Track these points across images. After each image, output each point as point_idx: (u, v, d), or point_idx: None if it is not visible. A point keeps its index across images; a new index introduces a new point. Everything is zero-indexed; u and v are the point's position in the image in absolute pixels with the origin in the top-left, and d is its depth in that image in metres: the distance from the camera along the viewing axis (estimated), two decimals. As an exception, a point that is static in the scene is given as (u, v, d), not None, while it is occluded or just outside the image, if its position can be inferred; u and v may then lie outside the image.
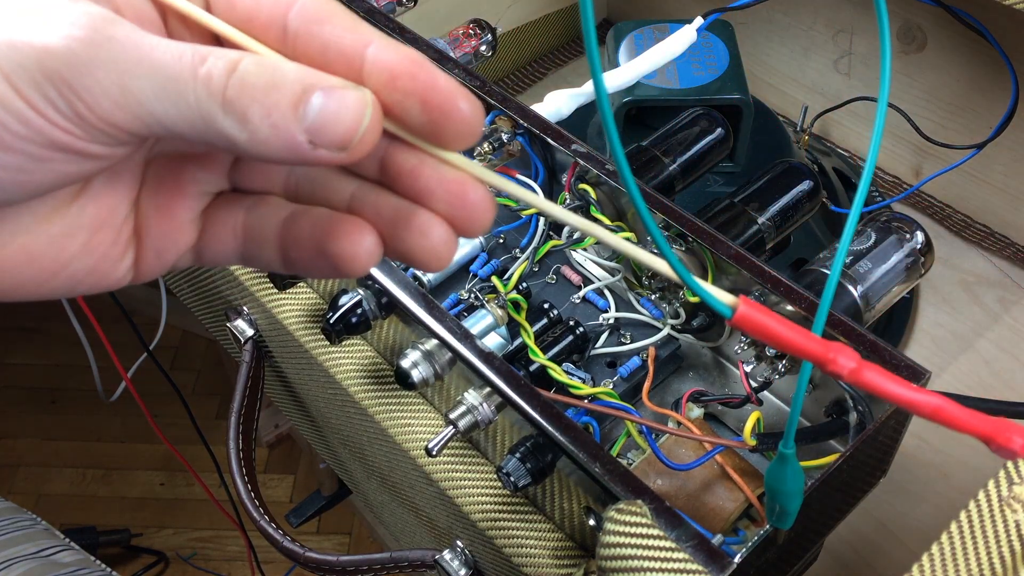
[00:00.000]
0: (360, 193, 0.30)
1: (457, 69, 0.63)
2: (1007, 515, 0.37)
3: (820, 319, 0.32)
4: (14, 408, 1.74)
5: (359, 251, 0.29)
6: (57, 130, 0.26)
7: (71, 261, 0.29)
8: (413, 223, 0.29)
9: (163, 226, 0.31)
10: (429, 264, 0.29)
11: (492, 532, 0.50)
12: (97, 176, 0.29)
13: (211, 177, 0.31)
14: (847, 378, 0.29)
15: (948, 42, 0.76)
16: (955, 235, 0.82)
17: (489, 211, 0.29)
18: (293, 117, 0.26)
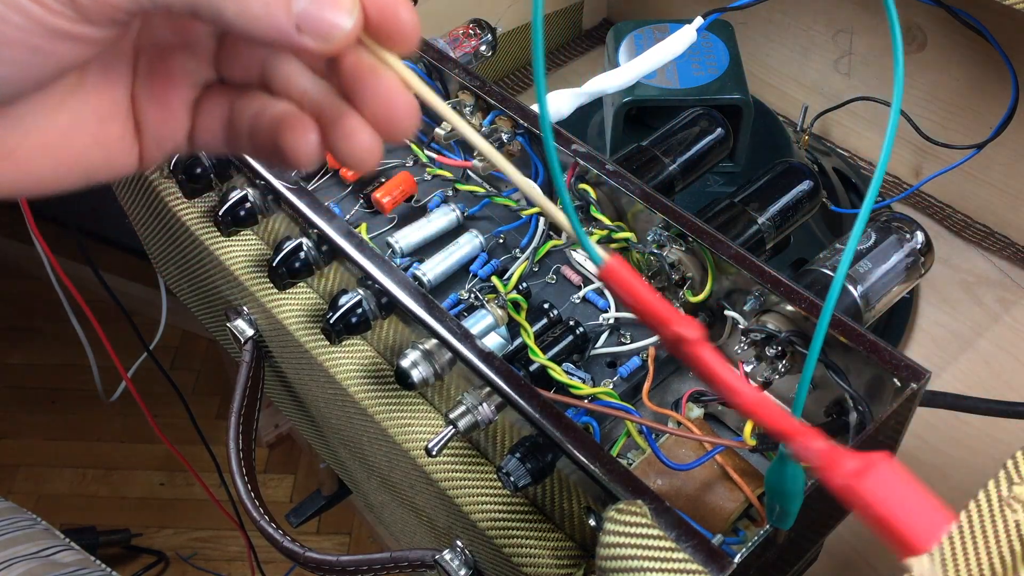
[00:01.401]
0: (310, 89, 0.32)
1: (457, 69, 0.63)
2: (1007, 515, 0.37)
3: (824, 319, 0.32)
4: (14, 408, 1.74)
5: (302, 146, 0.32)
6: (52, 15, 0.28)
7: (85, 152, 0.33)
8: (342, 124, 0.31)
9: (159, 115, 0.34)
10: (351, 164, 0.32)
11: (492, 532, 0.50)
12: (92, 67, 0.32)
13: (197, 66, 0.34)
14: (684, 350, 0.30)
15: (948, 42, 0.76)
16: (955, 235, 0.82)
17: (412, 117, 0.31)
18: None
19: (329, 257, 0.57)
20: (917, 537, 0.29)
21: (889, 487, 0.30)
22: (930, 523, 0.30)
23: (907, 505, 0.30)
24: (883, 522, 0.29)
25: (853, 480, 0.30)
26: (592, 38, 1.05)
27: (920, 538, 0.29)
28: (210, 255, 0.68)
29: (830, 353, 0.48)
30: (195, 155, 0.62)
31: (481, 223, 0.64)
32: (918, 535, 0.29)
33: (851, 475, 0.30)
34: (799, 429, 0.31)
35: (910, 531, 0.29)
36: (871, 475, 0.30)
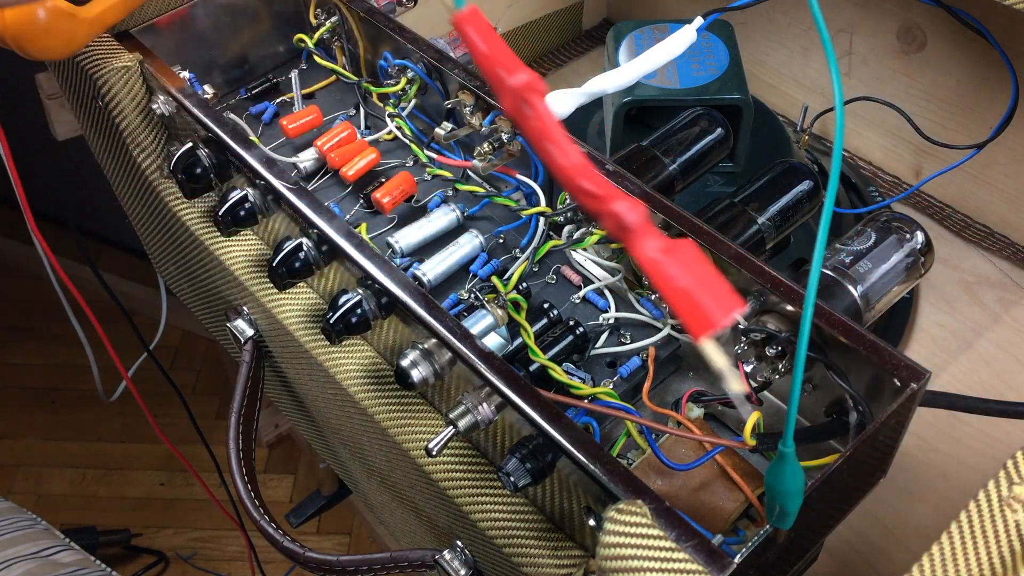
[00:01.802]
0: None
1: (457, 69, 0.63)
2: (1007, 515, 0.37)
3: (809, 300, 0.32)
4: (14, 408, 1.74)
5: None
6: None
7: None
8: None
9: None
10: None
11: (492, 532, 0.50)
12: None
13: None
14: (516, 105, 0.32)
15: (948, 42, 0.76)
16: (955, 235, 0.82)
17: None
18: None
19: (329, 257, 0.57)
20: (713, 313, 0.31)
21: (691, 267, 0.32)
22: (725, 303, 0.31)
23: (705, 285, 0.32)
24: (684, 297, 0.31)
25: (662, 254, 0.32)
26: (592, 38, 1.05)
27: (716, 315, 0.31)
28: (210, 255, 0.68)
29: (830, 353, 0.48)
30: (195, 156, 0.62)
31: (481, 223, 0.64)
32: (714, 312, 0.31)
33: (660, 249, 0.32)
34: (617, 194, 0.32)
35: (708, 307, 0.31)
36: (677, 253, 0.32)
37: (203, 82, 0.71)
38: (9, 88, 1.15)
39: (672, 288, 0.32)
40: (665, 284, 0.32)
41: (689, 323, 0.32)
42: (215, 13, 0.73)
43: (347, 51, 0.73)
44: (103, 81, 0.65)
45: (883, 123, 0.84)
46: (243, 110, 0.73)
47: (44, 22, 0.57)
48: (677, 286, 0.32)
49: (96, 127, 0.73)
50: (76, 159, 1.47)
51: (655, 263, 0.32)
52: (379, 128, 0.70)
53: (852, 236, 0.57)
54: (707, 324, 0.32)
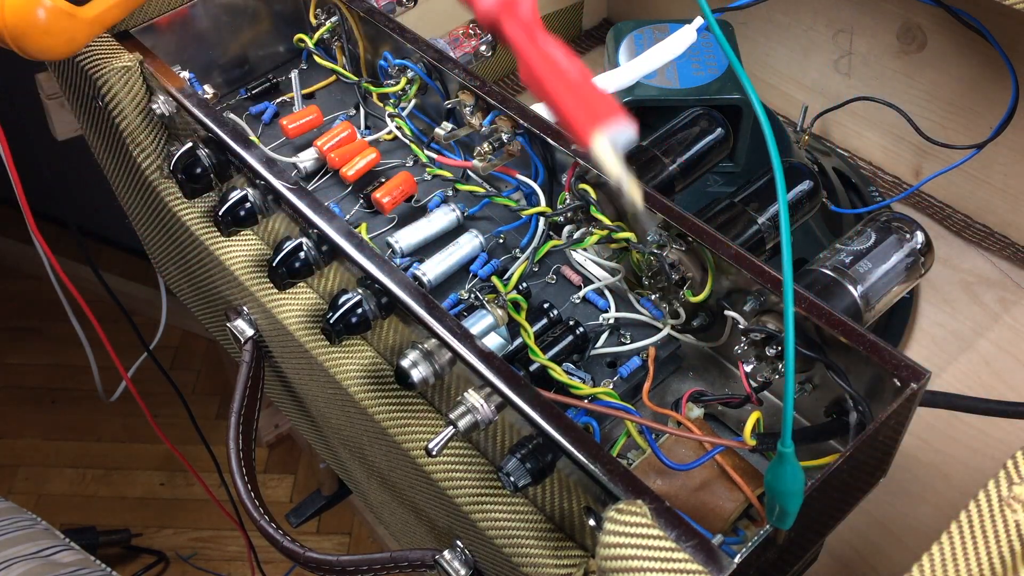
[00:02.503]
0: None
1: (457, 69, 0.63)
2: (1007, 515, 0.37)
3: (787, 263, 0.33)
4: (14, 408, 1.74)
5: None
6: None
7: None
8: None
9: None
10: None
11: (492, 532, 0.50)
12: None
13: None
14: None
15: (948, 42, 0.76)
16: (955, 235, 0.82)
17: None
18: None
19: (329, 257, 0.57)
20: (608, 109, 0.32)
21: (578, 67, 0.33)
22: (611, 104, 0.32)
23: (590, 85, 0.33)
24: (575, 94, 0.32)
25: (554, 48, 0.33)
26: (592, 38, 1.05)
27: (609, 110, 0.31)
28: (210, 255, 0.68)
29: (830, 353, 0.48)
30: (195, 156, 0.62)
31: (481, 223, 0.64)
32: (607, 108, 0.32)
33: (551, 44, 0.33)
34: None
35: (601, 104, 0.32)
36: (565, 51, 0.33)
37: (203, 82, 0.71)
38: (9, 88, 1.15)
39: (565, 81, 0.32)
40: (557, 76, 0.32)
41: (580, 119, 0.31)
42: (215, 13, 0.73)
43: (347, 51, 0.73)
44: (103, 81, 0.65)
45: (883, 123, 0.84)
46: (243, 110, 0.73)
47: (44, 22, 0.57)
48: (570, 78, 0.32)
49: (96, 127, 0.73)
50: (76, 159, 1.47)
51: (547, 53, 0.32)
52: (379, 128, 0.70)
53: (852, 236, 0.57)
54: (599, 119, 0.31)
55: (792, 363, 0.33)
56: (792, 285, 0.33)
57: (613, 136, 0.31)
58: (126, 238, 1.80)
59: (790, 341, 0.33)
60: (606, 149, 0.31)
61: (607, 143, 0.31)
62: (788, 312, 0.33)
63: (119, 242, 1.86)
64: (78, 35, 0.61)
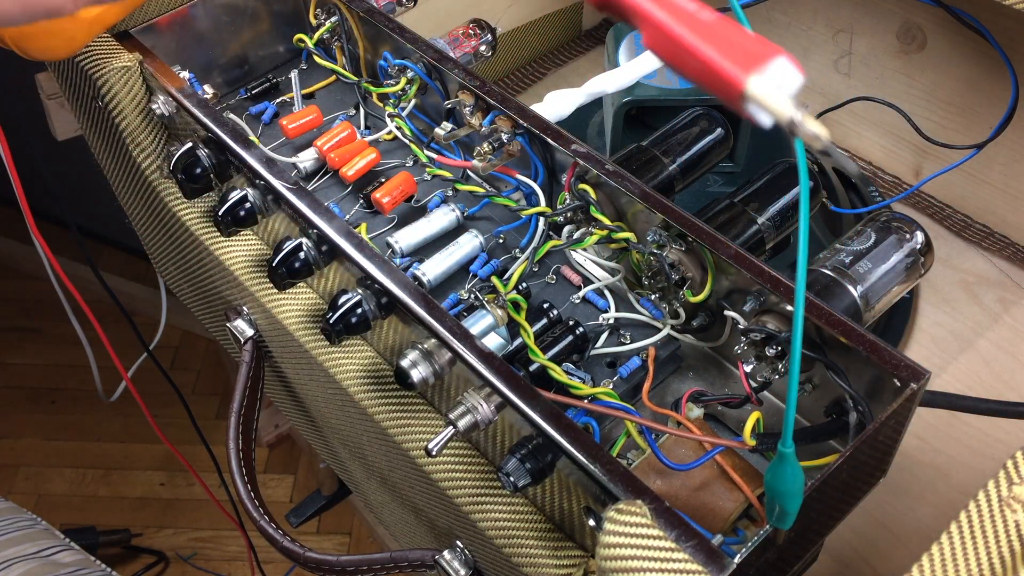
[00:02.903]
0: None
1: (457, 69, 0.63)
2: (1007, 515, 0.37)
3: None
4: (14, 408, 1.74)
5: None
6: None
7: None
8: None
9: None
10: None
11: (492, 532, 0.50)
12: None
13: None
14: None
15: (948, 42, 0.76)
16: (955, 235, 0.82)
17: None
18: None
19: (329, 257, 0.57)
20: (764, 49, 0.28)
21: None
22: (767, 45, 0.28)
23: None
24: (724, 37, 0.28)
25: None
26: (592, 38, 1.05)
27: (766, 50, 0.28)
28: (210, 255, 0.68)
29: (830, 353, 0.48)
30: (195, 156, 0.62)
31: (481, 223, 0.64)
32: (763, 48, 0.28)
33: None
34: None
35: (755, 44, 0.28)
36: None
37: (203, 82, 0.71)
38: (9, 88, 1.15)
39: (700, 26, 0.28)
40: (689, 23, 0.28)
41: (729, 64, 0.27)
42: (215, 13, 0.73)
43: (347, 51, 0.73)
44: (103, 81, 0.65)
45: (883, 123, 0.84)
46: (243, 110, 0.73)
47: (44, 22, 0.57)
48: (705, 21, 0.28)
49: (96, 127, 0.73)
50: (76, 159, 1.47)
51: (676, 6, 0.28)
52: (379, 128, 0.70)
53: (852, 236, 0.57)
54: (753, 59, 0.27)
55: (797, 364, 0.33)
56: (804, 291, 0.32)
57: (775, 75, 0.28)
58: (126, 238, 1.80)
59: (797, 345, 0.33)
60: (770, 89, 0.28)
61: (767, 84, 0.28)
62: (798, 318, 0.33)
63: (119, 242, 1.86)
64: (78, 35, 0.61)
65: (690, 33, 0.28)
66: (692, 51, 0.27)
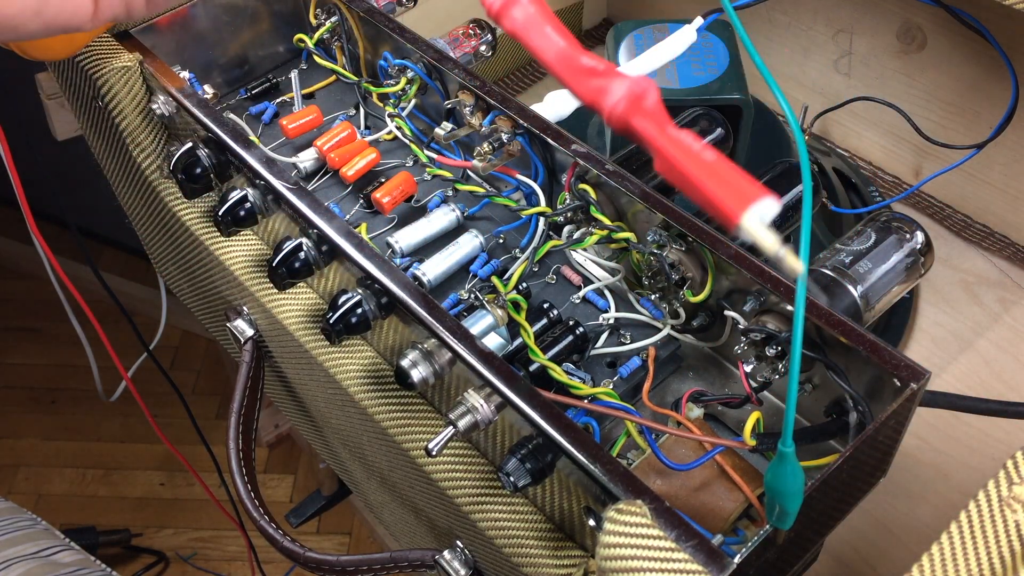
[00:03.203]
0: None
1: (457, 69, 0.63)
2: (1007, 515, 0.37)
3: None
4: (14, 408, 1.74)
5: None
6: None
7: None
8: None
9: None
10: None
11: (492, 532, 0.50)
12: None
13: None
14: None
15: (948, 42, 0.76)
16: (955, 235, 0.82)
17: None
18: None
19: (329, 257, 0.57)
20: (749, 189, 0.32)
21: (710, 149, 0.34)
22: (752, 184, 0.32)
23: (728, 164, 0.33)
24: (715, 174, 0.32)
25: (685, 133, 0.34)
26: (592, 38, 1.05)
27: (752, 190, 0.32)
28: (210, 255, 0.68)
29: (830, 353, 0.48)
30: (195, 156, 0.62)
31: (481, 223, 0.64)
32: (749, 188, 0.32)
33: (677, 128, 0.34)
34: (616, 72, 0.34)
35: (743, 184, 0.32)
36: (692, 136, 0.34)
37: (203, 82, 0.71)
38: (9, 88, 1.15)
39: (703, 165, 0.32)
40: (695, 162, 0.32)
41: (726, 200, 0.31)
42: (215, 13, 0.73)
43: (347, 51, 0.73)
44: (103, 81, 0.65)
45: (883, 123, 0.84)
46: (243, 110, 0.73)
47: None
48: (707, 161, 0.32)
49: (96, 127, 0.73)
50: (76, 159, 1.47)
51: (680, 142, 0.33)
52: (379, 128, 0.70)
53: (852, 236, 0.57)
54: (745, 199, 0.31)
55: (797, 364, 0.33)
56: (805, 292, 0.33)
57: (761, 212, 0.31)
58: (126, 238, 1.80)
59: (797, 345, 0.33)
60: (757, 225, 0.31)
61: (757, 219, 0.31)
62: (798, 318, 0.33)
63: (119, 242, 1.86)
64: (78, 35, 0.61)
65: (696, 169, 0.32)
66: (697, 185, 0.32)
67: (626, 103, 0.34)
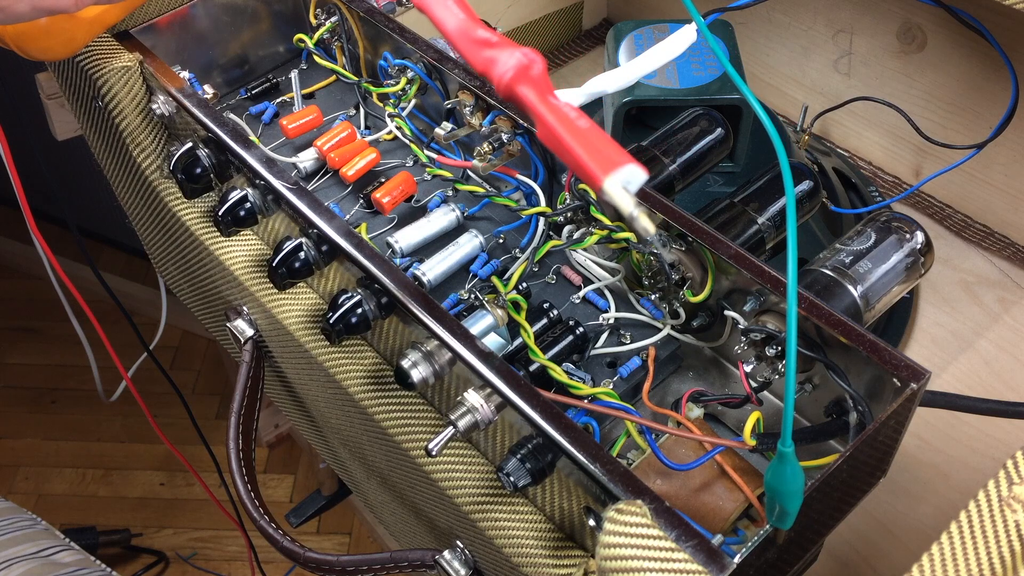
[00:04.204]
0: None
1: (457, 69, 0.63)
2: (1007, 515, 0.37)
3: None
4: (14, 408, 1.74)
5: None
6: None
7: None
8: None
9: None
10: None
11: (492, 532, 0.50)
12: None
13: None
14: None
15: (948, 42, 0.76)
16: (955, 235, 0.82)
17: None
18: None
19: (329, 257, 0.57)
20: (617, 154, 0.35)
21: (584, 119, 0.37)
22: (620, 150, 0.35)
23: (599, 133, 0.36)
24: (587, 141, 0.35)
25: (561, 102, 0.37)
26: (592, 38, 1.05)
27: (618, 156, 0.35)
28: (210, 255, 0.68)
29: (830, 353, 0.48)
30: (195, 156, 0.62)
31: (481, 223, 0.64)
32: (616, 153, 0.35)
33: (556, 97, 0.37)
34: (509, 42, 0.37)
35: (611, 149, 0.35)
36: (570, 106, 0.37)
37: (203, 82, 0.71)
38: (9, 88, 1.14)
39: (577, 132, 0.35)
40: (570, 128, 0.35)
41: (593, 164, 0.34)
42: (215, 13, 0.73)
43: (347, 51, 0.73)
44: (103, 81, 0.65)
45: (883, 123, 0.84)
46: (243, 110, 0.73)
47: (44, 22, 0.57)
48: (581, 128, 0.35)
49: (96, 127, 0.73)
50: (76, 159, 1.47)
51: (559, 109, 0.36)
52: (379, 128, 0.70)
53: (852, 236, 0.57)
54: (611, 164, 0.34)
55: (793, 363, 0.34)
56: (796, 286, 0.33)
57: (625, 178, 0.34)
58: (126, 238, 1.80)
59: (792, 341, 0.33)
60: (618, 190, 0.34)
61: (619, 184, 0.34)
62: (791, 312, 0.33)
63: (119, 242, 1.86)
64: (78, 35, 0.61)
65: (570, 135, 0.36)
66: (569, 150, 0.35)
67: (513, 72, 0.36)
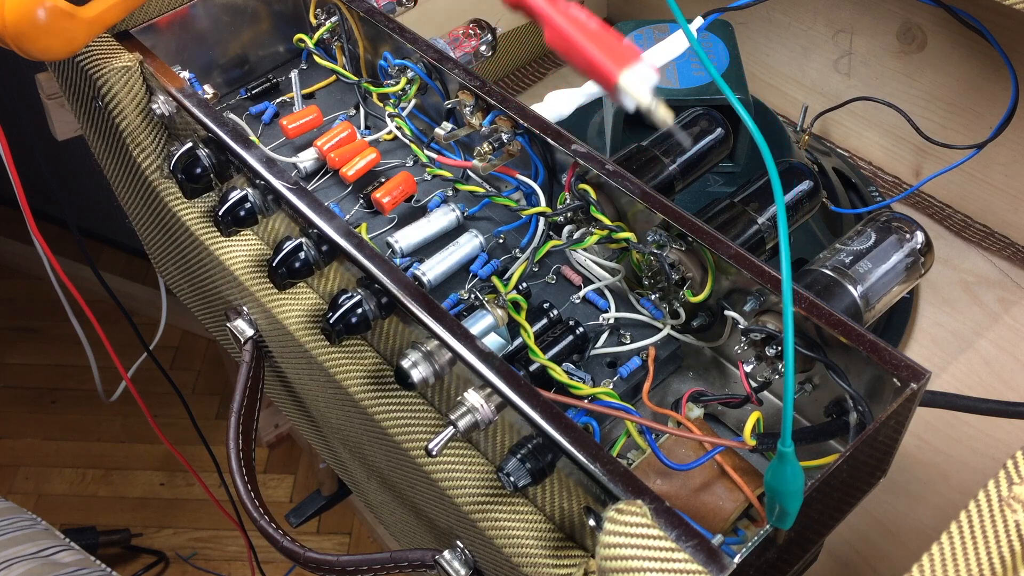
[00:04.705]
0: None
1: (457, 69, 0.63)
2: (1007, 515, 0.37)
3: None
4: (14, 408, 1.74)
5: None
6: None
7: None
8: None
9: None
10: None
11: (492, 532, 0.50)
12: None
13: None
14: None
15: (948, 42, 0.76)
16: (955, 235, 0.82)
17: None
18: None
19: (329, 257, 0.57)
20: (630, 49, 0.36)
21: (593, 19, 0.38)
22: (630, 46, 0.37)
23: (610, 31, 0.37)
24: (600, 39, 0.36)
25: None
26: (592, 38, 1.05)
27: (631, 50, 0.36)
28: (210, 255, 0.68)
29: (830, 353, 0.48)
30: (195, 156, 0.62)
31: (481, 223, 0.64)
32: (629, 49, 0.37)
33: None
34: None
35: (623, 46, 0.36)
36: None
37: (203, 82, 0.71)
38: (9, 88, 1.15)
39: (588, 32, 0.36)
40: (581, 29, 0.36)
41: (607, 61, 0.35)
42: (215, 13, 0.73)
43: (347, 51, 0.73)
44: (103, 81, 0.65)
45: (883, 123, 0.84)
46: (243, 110, 0.73)
47: (44, 22, 0.57)
48: (592, 29, 0.36)
49: (96, 127, 0.73)
50: (76, 159, 1.47)
51: (568, 11, 0.37)
52: (379, 128, 0.70)
53: (852, 236, 0.57)
54: (625, 60, 0.35)
55: (792, 363, 0.34)
56: (791, 284, 0.33)
57: (638, 73, 0.35)
58: (126, 238, 1.80)
59: (789, 341, 0.33)
60: (635, 83, 0.35)
61: (634, 79, 0.35)
62: (787, 312, 0.33)
63: (119, 242, 1.86)
64: (78, 35, 0.61)
65: (581, 36, 0.36)
66: (581, 50, 0.36)
67: None
